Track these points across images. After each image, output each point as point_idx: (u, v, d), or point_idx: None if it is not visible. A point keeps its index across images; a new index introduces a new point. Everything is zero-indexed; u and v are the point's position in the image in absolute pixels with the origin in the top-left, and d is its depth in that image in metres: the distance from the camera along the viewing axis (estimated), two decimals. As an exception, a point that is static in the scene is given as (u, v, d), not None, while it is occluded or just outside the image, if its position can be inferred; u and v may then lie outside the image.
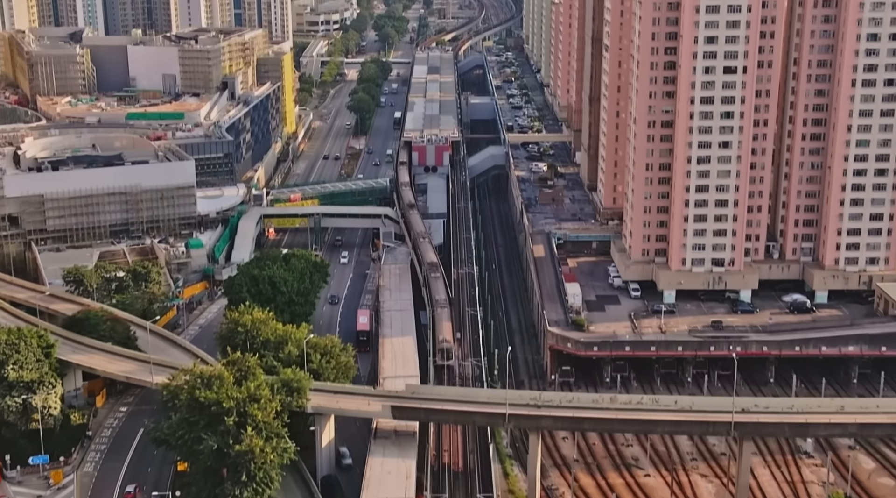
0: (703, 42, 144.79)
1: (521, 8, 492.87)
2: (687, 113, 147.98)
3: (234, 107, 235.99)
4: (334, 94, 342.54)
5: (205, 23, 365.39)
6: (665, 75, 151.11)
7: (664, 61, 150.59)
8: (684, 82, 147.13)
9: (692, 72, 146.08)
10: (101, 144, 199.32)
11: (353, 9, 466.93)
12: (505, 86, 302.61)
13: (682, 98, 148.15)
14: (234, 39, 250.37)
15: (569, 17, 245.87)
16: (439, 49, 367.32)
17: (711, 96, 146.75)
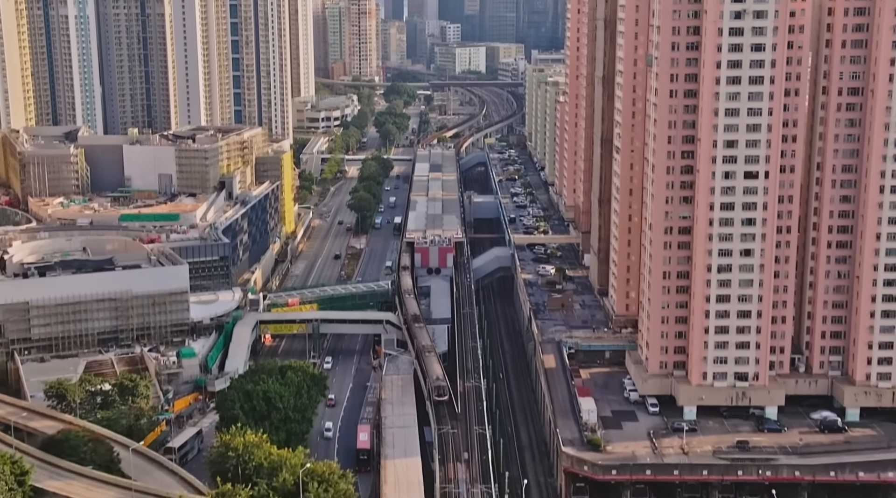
0: (723, 146, 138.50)
1: (523, 105, 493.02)
2: (706, 219, 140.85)
3: (231, 207, 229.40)
4: (335, 192, 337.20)
5: (204, 121, 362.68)
6: (682, 180, 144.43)
7: (681, 165, 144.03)
8: (703, 187, 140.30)
9: (711, 177, 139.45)
10: (91, 248, 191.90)
11: (354, 105, 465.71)
12: (508, 184, 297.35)
13: (700, 204, 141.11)
14: (232, 138, 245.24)
15: (575, 116, 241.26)
16: (441, 146, 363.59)
17: (732, 202, 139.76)
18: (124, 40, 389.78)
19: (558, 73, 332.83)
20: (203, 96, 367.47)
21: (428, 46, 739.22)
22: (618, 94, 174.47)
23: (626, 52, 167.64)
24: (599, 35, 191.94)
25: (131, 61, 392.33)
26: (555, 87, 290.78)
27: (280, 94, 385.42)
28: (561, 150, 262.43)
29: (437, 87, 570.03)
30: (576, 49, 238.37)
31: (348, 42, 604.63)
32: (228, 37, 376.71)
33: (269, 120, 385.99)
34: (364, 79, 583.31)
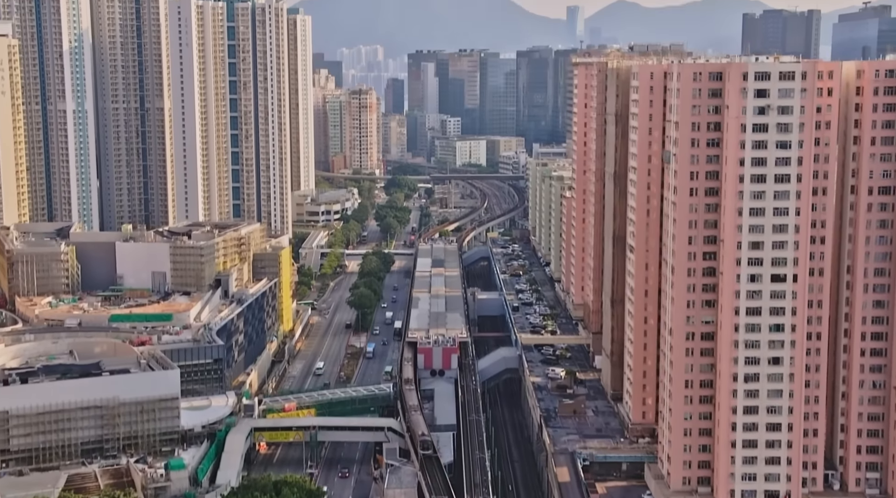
0: (748, 248, 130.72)
1: (525, 198, 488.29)
2: (731, 325, 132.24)
3: (227, 306, 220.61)
4: (334, 287, 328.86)
5: (202, 215, 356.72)
6: (704, 282, 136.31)
7: (703, 267, 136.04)
8: (727, 291, 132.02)
9: (736, 280, 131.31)
10: (79, 351, 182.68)
11: (355, 199, 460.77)
12: (513, 280, 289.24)
13: (724, 308, 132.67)
14: (229, 234, 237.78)
15: (582, 211, 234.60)
16: (443, 240, 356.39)
17: (758, 307, 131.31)
18: (123, 134, 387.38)
19: (562, 167, 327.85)
20: (201, 190, 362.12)
21: (428, 139, 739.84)
22: (631, 191, 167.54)
23: (639, 148, 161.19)
24: (610, 130, 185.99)
25: (129, 155, 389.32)
26: (560, 182, 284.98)
27: (280, 188, 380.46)
28: (568, 247, 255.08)
29: (437, 180, 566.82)
30: (583, 144, 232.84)
31: (349, 135, 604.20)
32: (228, 130, 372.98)
33: (268, 214, 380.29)
34: (364, 172, 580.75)
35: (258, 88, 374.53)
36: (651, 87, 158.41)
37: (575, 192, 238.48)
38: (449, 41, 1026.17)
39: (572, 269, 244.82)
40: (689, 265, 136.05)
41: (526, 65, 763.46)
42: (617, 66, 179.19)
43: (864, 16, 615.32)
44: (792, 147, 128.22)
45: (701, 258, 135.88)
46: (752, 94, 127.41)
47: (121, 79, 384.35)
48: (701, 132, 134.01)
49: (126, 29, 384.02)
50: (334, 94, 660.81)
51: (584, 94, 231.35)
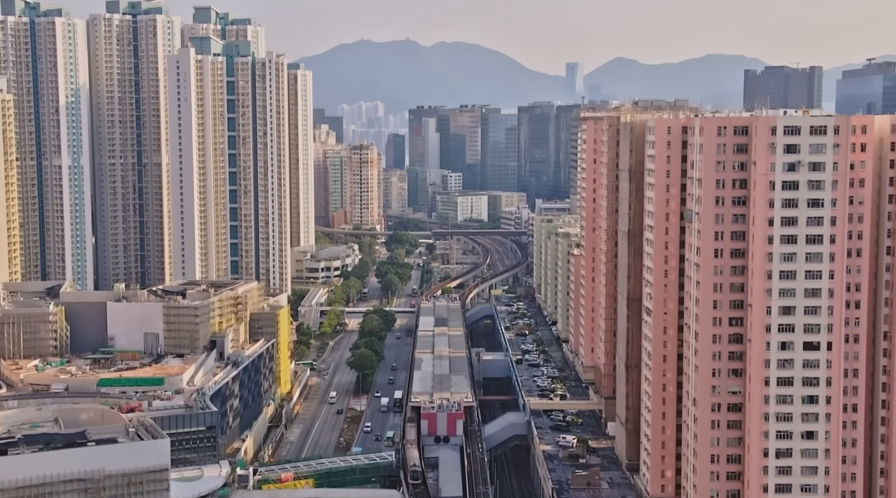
0: (778, 313, 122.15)
1: (528, 254, 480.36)
2: (761, 396, 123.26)
3: (222, 369, 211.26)
4: (334, 346, 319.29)
5: (199, 271, 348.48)
6: (731, 350, 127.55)
7: (729, 334, 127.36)
8: (756, 360, 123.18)
9: (766, 348, 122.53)
10: (64, 418, 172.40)
11: (355, 255, 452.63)
12: (518, 340, 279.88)
13: (753, 378, 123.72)
14: (225, 294, 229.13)
15: (592, 270, 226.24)
16: (445, 298, 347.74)
17: (790, 377, 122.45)
18: (119, 190, 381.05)
19: (568, 224, 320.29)
20: (199, 247, 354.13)
21: (429, 195, 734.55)
22: (647, 251, 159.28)
23: (656, 205, 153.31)
24: (623, 186, 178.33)
25: (126, 211, 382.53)
26: (566, 239, 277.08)
27: (279, 244, 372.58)
28: (576, 306, 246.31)
29: (439, 236, 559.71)
30: (592, 201, 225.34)
31: (350, 190, 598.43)
32: (226, 186, 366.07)
33: (266, 271, 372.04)
34: (365, 227, 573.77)
35: (258, 143, 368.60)
36: (668, 142, 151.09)
37: (584, 250, 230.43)
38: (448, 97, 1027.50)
39: (581, 329, 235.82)
40: (715, 331, 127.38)
41: (527, 120, 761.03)
42: (631, 120, 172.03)
43: (869, 72, 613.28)
44: (824, 206, 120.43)
45: (727, 324, 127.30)
46: (781, 150, 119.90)
47: (118, 134, 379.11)
48: (726, 190, 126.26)
49: (124, 83, 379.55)
50: (335, 149, 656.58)
51: (592, 150, 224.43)
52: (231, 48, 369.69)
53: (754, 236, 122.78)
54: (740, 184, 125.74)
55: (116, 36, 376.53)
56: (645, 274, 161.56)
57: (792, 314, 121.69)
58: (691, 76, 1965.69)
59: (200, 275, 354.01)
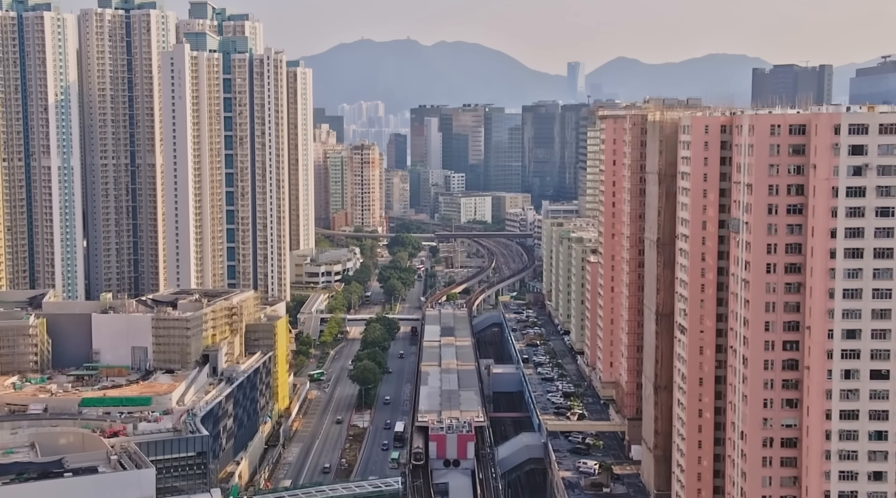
0: (841, 337, 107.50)
1: (534, 257, 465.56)
2: (820, 432, 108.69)
3: (214, 385, 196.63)
4: (335, 356, 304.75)
5: (194, 276, 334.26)
6: (785, 378, 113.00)
7: (783, 359, 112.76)
8: (815, 390, 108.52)
9: (826, 376, 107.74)
10: (42, 443, 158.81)
11: (357, 258, 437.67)
12: (530, 351, 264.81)
13: (812, 411, 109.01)
14: (219, 304, 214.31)
15: (611, 280, 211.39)
16: (451, 305, 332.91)
17: (855, 410, 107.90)
18: (112, 192, 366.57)
19: (580, 227, 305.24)
20: (194, 251, 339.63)
21: (432, 196, 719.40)
22: (681, 262, 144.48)
23: (692, 212, 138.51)
24: (651, 190, 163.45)
25: (119, 214, 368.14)
26: (580, 245, 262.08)
27: (277, 248, 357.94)
28: (593, 317, 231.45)
29: (442, 238, 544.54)
30: (611, 205, 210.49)
31: (351, 192, 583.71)
32: (223, 187, 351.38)
33: (264, 276, 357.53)
34: (367, 229, 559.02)
35: (255, 143, 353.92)
36: (705, 143, 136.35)
37: (601, 258, 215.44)
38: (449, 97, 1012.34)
39: (599, 342, 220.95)
40: (766, 356, 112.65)
41: (531, 120, 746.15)
42: (660, 118, 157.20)
43: (884, 70, 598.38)
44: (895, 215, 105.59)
45: (781, 348, 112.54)
46: (845, 152, 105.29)
47: (110, 133, 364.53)
48: (780, 196, 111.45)
49: (117, 81, 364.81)
50: (335, 149, 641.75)
51: (612, 150, 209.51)
52: (228, 44, 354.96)
53: (813, 250, 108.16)
54: (796, 190, 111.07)
55: (108, 31, 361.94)
56: (677, 287, 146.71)
57: (857, 338, 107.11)
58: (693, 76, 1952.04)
59: (196, 280, 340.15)
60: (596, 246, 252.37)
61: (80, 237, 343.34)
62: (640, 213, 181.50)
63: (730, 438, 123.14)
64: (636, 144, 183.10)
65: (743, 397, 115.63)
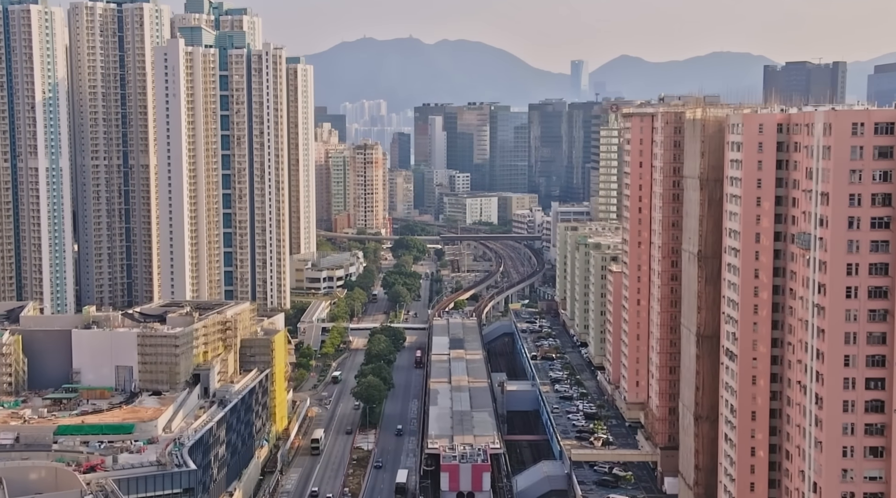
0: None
1: (543, 261, 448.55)
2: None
3: (206, 409, 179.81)
4: (337, 368, 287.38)
5: (189, 285, 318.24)
6: (868, 422, 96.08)
7: (865, 400, 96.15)
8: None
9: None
10: (10, 479, 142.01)
11: (360, 262, 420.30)
12: (545, 365, 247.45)
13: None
14: (211, 318, 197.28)
15: (637, 291, 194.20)
16: (459, 314, 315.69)
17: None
18: (103, 194, 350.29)
19: (596, 232, 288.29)
20: (189, 256, 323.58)
21: (436, 196, 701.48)
22: (729, 280, 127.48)
23: (744, 223, 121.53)
24: (690, 197, 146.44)
25: (111, 217, 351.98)
26: (599, 252, 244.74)
27: (277, 253, 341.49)
28: (616, 331, 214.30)
29: (448, 241, 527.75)
30: (637, 210, 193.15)
31: (353, 193, 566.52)
32: (220, 189, 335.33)
33: (263, 282, 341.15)
34: (370, 231, 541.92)
35: (253, 143, 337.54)
36: (759, 144, 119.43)
37: (627, 268, 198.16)
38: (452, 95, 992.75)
39: (623, 359, 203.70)
40: (846, 397, 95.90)
41: (538, 118, 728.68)
42: (702, 116, 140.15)
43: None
44: None
45: (863, 387, 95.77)
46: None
47: (102, 133, 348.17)
48: (863, 208, 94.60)
49: (108, 78, 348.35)
50: (338, 149, 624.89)
51: (639, 151, 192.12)
52: (224, 39, 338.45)
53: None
54: (883, 200, 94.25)
55: (100, 26, 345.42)
56: (725, 307, 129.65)
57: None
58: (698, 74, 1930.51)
59: (191, 287, 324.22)
60: (617, 253, 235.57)
61: (70, 242, 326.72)
62: (674, 220, 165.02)
63: (796, 487, 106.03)
64: (669, 145, 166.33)
65: (816, 443, 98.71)
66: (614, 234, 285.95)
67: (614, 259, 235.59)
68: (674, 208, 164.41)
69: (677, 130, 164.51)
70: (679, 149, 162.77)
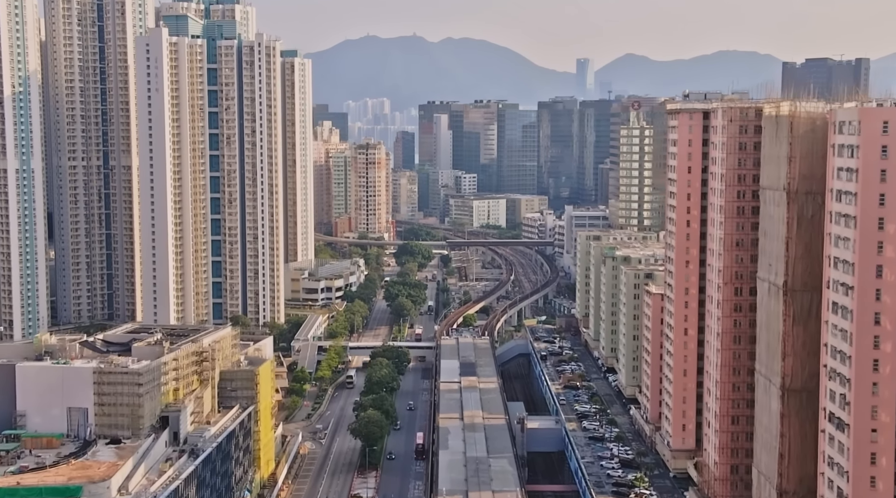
0: None
1: (556, 268, 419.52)
2: None
3: (174, 460, 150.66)
4: (334, 394, 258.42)
5: (174, 301, 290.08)
6: None
7: None
8: None
9: None
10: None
11: (361, 271, 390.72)
12: (569, 396, 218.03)
13: None
14: (184, 349, 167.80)
15: (683, 319, 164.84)
16: (470, 332, 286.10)
17: None
18: (81, 198, 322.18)
19: (624, 243, 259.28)
20: (173, 266, 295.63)
21: (441, 198, 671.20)
22: (833, 323, 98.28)
23: (860, 251, 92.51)
24: (773, 214, 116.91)
25: (90, 223, 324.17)
26: (631, 267, 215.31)
27: (270, 262, 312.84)
28: (655, 363, 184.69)
29: (454, 246, 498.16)
30: (685, 224, 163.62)
31: (355, 195, 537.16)
32: (208, 193, 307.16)
33: (255, 294, 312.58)
34: (372, 235, 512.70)
35: (245, 143, 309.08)
36: (884, 148, 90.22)
37: (671, 291, 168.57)
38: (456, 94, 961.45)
39: (666, 396, 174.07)
40: None
41: (547, 116, 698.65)
42: (790, 112, 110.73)
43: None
44: None
45: None
46: None
47: (80, 131, 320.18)
48: None
49: (87, 71, 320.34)
50: (339, 148, 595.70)
51: (686, 154, 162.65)
52: (213, 29, 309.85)
53: None
54: None
55: (77, 15, 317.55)
56: (827, 358, 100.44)
57: None
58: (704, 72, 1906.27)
59: (175, 301, 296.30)
60: (652, 270, 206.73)
61: (43, 251, 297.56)
62: (739, 239, 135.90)
63: None
64: (733, 147, 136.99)
65: None
66: (643, 246, 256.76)
67: (649, 276, 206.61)
68: (739, 224, 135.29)
69: (744, 130, 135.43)
70: (746, 152, 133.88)
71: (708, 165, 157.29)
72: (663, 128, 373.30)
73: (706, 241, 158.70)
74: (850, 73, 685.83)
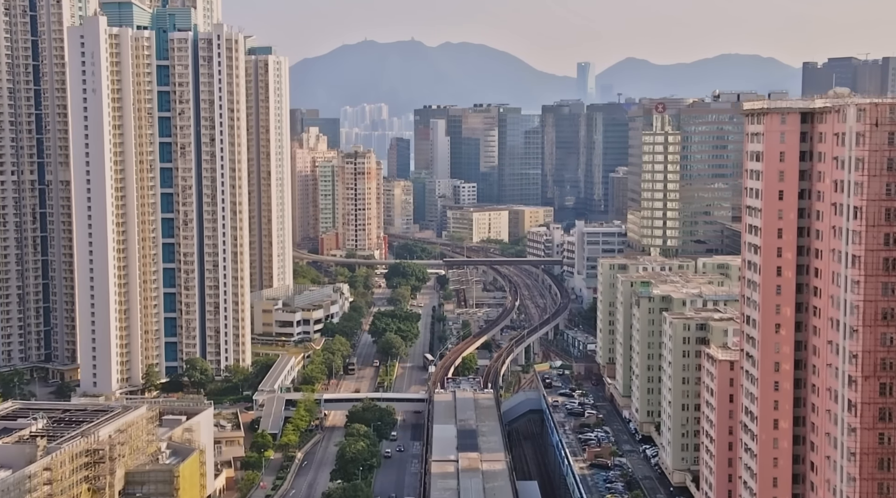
0: None
1: (565, 292, 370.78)
2: None
3: None
4: (303, 463, 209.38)
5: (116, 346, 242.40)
6: None
7: None
8: None
9: None
10: None
11: (344, 299, 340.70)
12: (597, 478, 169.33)
13: None
14: (67, 450, 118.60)
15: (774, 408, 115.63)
16: (469, 384, 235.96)
17: None
18: (11, 218, 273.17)
19: (659, 276, 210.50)
20: (115, 299, 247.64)
21: (438, 209, 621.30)
22: None
23: None
24: None
25: (22, 247, 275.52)
26: (677, 316, 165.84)
27: (233, 294, 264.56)
28: (722, 455, 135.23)
29: (451, 265, 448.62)
30: (775, 270, 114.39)
31: (342, 208, 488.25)
32: (158, 213, 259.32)
33: (215, 333, 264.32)
34: (361, 253, 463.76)
35: (202, 154, 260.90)
36: None
37: (751, 363, 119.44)
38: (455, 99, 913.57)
39: None
40: None
41: (552, 121, 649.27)
42: None
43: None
44: None
45: None
46: None
47: (8, 140, 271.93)
48: None
49: (17, 71, 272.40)
50: (326, 157, 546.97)
51: (776, 170, 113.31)
52: (163, 19, 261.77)
53: None
54: None
55: (4, 5, 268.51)
56: None
57: None
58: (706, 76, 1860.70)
59: (118, 343, 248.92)
60: (707, 321, 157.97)
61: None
62: (887, 309, 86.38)
63: None
64: (878, 165, 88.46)
65: None
66: (682, 279, 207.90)
67: (702, 328, 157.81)
68: (888, 287, 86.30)
69: (893, 138, 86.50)
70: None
71: (810, 188, 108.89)
72: (691, 132, 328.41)
73: (805, 296, 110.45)
74: (876, 72, 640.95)
